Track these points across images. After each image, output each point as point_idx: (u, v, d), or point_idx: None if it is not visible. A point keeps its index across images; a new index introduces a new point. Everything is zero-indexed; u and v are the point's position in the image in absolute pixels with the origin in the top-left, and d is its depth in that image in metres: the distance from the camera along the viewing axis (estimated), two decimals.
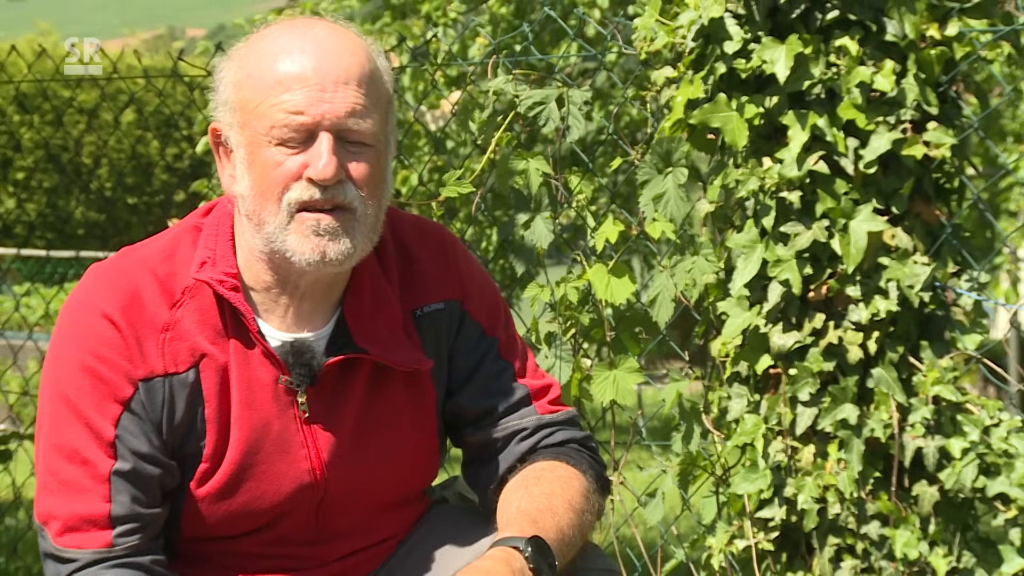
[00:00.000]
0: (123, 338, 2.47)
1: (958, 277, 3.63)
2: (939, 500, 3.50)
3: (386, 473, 2.65)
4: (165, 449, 2.49)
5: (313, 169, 2.42)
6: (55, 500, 2.44)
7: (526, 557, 2.38)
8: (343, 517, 2.63)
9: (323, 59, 2.43)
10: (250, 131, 2.45)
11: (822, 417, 3.57)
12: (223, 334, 2.53)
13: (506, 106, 4.23)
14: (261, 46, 2.48)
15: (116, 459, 2.44)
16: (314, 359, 2.55)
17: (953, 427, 3.51)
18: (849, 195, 3.55)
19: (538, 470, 2.62)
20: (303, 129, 2.42)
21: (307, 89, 2.41)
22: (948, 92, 3.62)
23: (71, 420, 2.46)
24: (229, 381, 2.52)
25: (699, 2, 3.65)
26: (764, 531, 3.68)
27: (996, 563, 3.49)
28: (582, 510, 2.56)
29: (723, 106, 3.61)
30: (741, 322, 3.66)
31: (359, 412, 2.61)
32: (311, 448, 2.57)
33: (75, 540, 2.42)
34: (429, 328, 2.68)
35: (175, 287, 2.53)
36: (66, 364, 2.49)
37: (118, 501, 2.43)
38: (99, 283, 2.54)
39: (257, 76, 2.45)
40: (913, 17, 3.51)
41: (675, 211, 3.84)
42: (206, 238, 2.58)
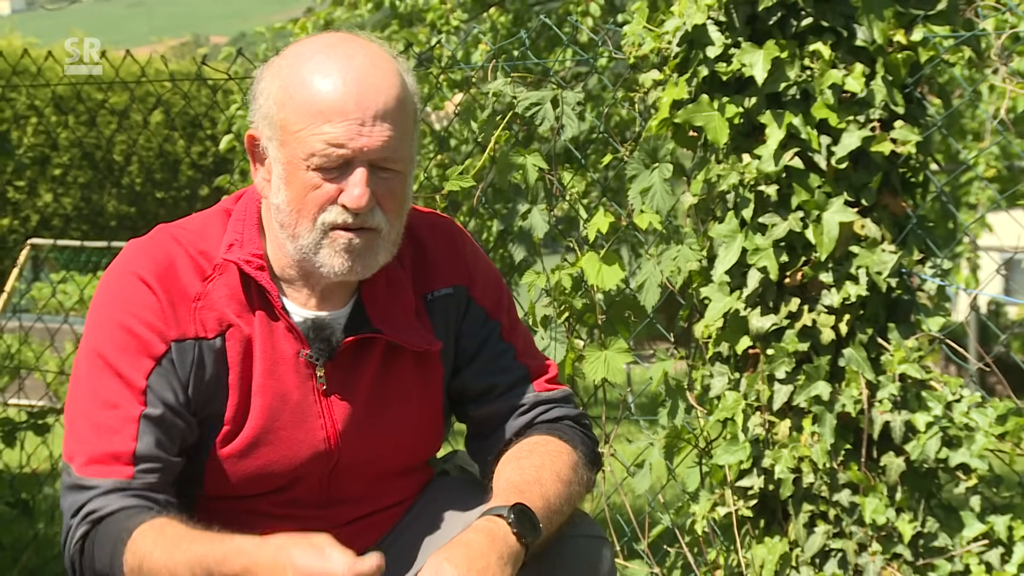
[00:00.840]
0: (158, 301, 2.48)
1: (923, 264, 3.64)
2: (905, 470, 3.50)
3: (394, 443, 2.66)
4: (189, 406, 2.50)
5: (348, 197, 2.43)
6: (83, 439, 2.45)
7: (509, 523, 2.39)
8: (353, 483, 2.63)
9: (363, 94, 2.42)
10: (289, 151, 2.45)
11: (797, 394, 3.57)
12: (249, 308, 2.54)
13: (505, 107, 4.23)
14: (305, 69, 2.46)
15: (146, 405, 2.45)
16: (333, 336, 2.57)
17: (918, 403, 3.51)
18: (822, 188, 3.55)
19: (531, 444, 2.62)
20: (341, 160, 2.42)
21: (348, 123, 2.41)
22: (913, 93, 3.63)
23: (106, 373, 2.47)
24: (253, 352, 2.53)
25: (683, 10, 3.66)
26: (743, 499, 3.67)
27: (958, 528, 3.49)
28: (569, 481, 2.56)
29: (705, 106, 3.61)
30: (722, 306, 3.66)
31: (372, 387, 2.62)
32: (327, 418, 2.58)
33: (98, 471, 2.42)
34: (439, 311, 2.69)
35: (206, 263, 2.54)
36: (104, 323, 2.50)
37: (143, 441, 2.43)
38: (138, 253, 2.55)
39: (300, 101, 2.44)
40: (881, 24, 3.51)
41: (661, 203, 3.85)
42: (235, 222, 2.59)
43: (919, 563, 3.50)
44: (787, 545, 3.61)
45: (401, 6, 9.26)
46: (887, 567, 3.49)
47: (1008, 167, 10.94)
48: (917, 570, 3.49)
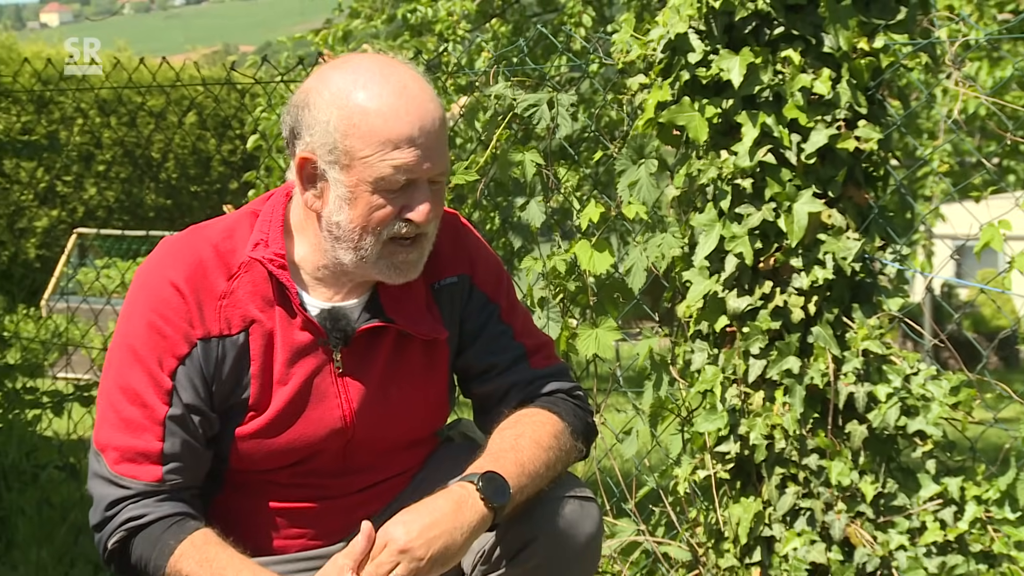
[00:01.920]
0: (186, 303, 2.48)
1: (883, 250, 3.63)
2: (867, 436, 3.50)
3: (403, 420, 2.66)
4: (212, 400, 2.50)
5: (418, 215, 2.44)
6: (114, 432, 2.46)
7: (478, 488, 2.40)
8: (366, 455, 2.63)
9: (423, 121, 2.42)
10: (355, 175, 2.43)
11: (770, 368, 3.57)
12: (271, 304, 2.53)
13: (505, 108, 4.22)
14: (362, 97, 2.43)
15: (170, 406, 2.46)
16: (348, 325, 2.56)
17: (879, 375, 3.51)
18: (792, 182, 3.54)
19: (517, 415, 2.62)
20: (406, 182, 2.43)
21: (415, 149, 2.41)
22: (875, 95, 3.62)
23: (135, 367, 2.47)
24: (274, 343, 2.53)
25: (667, 20, 3.65)
26: (721, 463, 3.67)
27: (915, 489, 3.49)
28: (550, 447, 2.55)
29: (687, 107, 3.61)
30: (702, 288, 3.66)
31: (384, 370, 2.61)
32: (343, 398, 2.57)
33: (130, 470, 2.43)
34: (445, 299, 2.69)
35: (233, 262, 2.53)
36: (136, 320, 2.50)
37: (169, 442, 2.45)
38: (169, 254, 2.55)
39: (365, 131, 2.41)
40: (846, 32, 3.50)
41: (647, 196, 3.85)
42: (261, 223, 2.58)
43: (880, 520, 3.50)
44: (761, 505, 3.60)
45: (412, 18, 9.24)
46: (851, 524, 3.49)
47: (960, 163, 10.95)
48: (878, 527, 3.49)
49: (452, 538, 2.36)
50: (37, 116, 17.96)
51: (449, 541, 2.36)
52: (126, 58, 15.66)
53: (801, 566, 3.50)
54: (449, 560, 2.37)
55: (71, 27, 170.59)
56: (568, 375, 2.77)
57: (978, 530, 3.43)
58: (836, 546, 3.50)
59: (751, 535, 3.60)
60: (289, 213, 2.61)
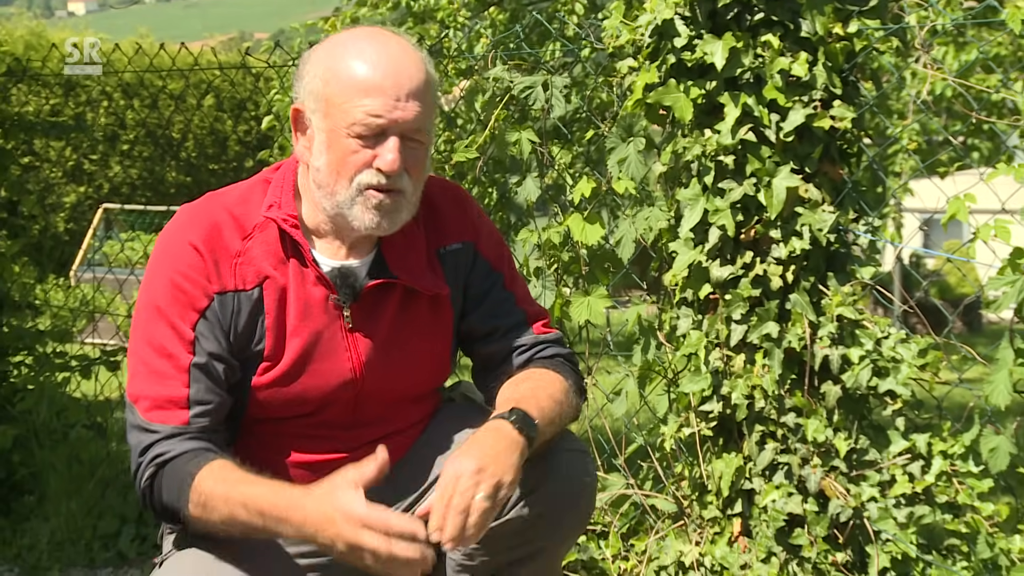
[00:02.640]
0: (203, 261, 2.49)
1: (856, 222, 3.63)
2: (841, 396, 3.50)
3: (409, 373, 2.66)
4: (231, 350, 2.51)
5: (382, 162, 2.45)
6: (144, 384, 2.46)
7: (511, 421, 2.41)
8: (374, 408, 2.64)
9: (398, 75, 2.45)
10: (332, 121, 2.47)
11: (750, 332, 3.57)
12: (284, 261, 2.54)
13: (503, 90, 4.21)
14: (348, 54, 2.49)
15: (194, 355, 2.46)
16: (357, 282, 2.57)
17: (852, 339, 3.51)
18: (772, 158, 3.54)
19: (527, 372, 2.64)
20: (378, 129, 2.44)
21: (385, 98, 2.43)
22: (849, 77, 3.61)
23: (160, 323, 2.48)
24: (287, 298, 2.54)
25: (654, 7, 3.64)
26: (705, 421, 3.67)
27: (885, 444, 3.49)
28: (560, 401, 2.58)
29: (673, 89, 3.60)
30: (687, 258, 3.65)
31: (391, 325, 2.62)
32: (352, 352, 2.58)
33: (160, 416, 2.43)
34: (450, 263, 2.69)
35: (247, 224, 2.55)
36: (158, 280, 2.51)
37: (194, 388, 2.45)
38: (187, 219, 2.56)
39: (343, 78, 2.46)
40: (822, 18, 3.49)
41: (635, 172, 3.84)
42: (273, 188, 2.60)
43: (853, 474, 3.50)
44: (741, 460, 3.61)
45: (415, 6, 9.23)
46: (826, 478, 3.49)
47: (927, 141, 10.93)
48: (851, 480, 3.49)
49: (510, 459, 2.37)
50: (65, 99, 17.94)
51: (509, 461, 2.36)
52: (148, 44, 15.61)
53: (779, 517, 3.50)
54: (516, 478, 2.37)
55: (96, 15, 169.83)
56: (564, 342, 2.78)
57: (944, 483, 3.44)
58: (812, 498, 3.51)
59: (733, 488, 3.61)
60: (298, 179, 2.62)
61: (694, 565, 3.56)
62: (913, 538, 3.41)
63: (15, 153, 5.70)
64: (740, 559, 3.56)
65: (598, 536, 3.79)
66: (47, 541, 4.66)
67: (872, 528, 3.43)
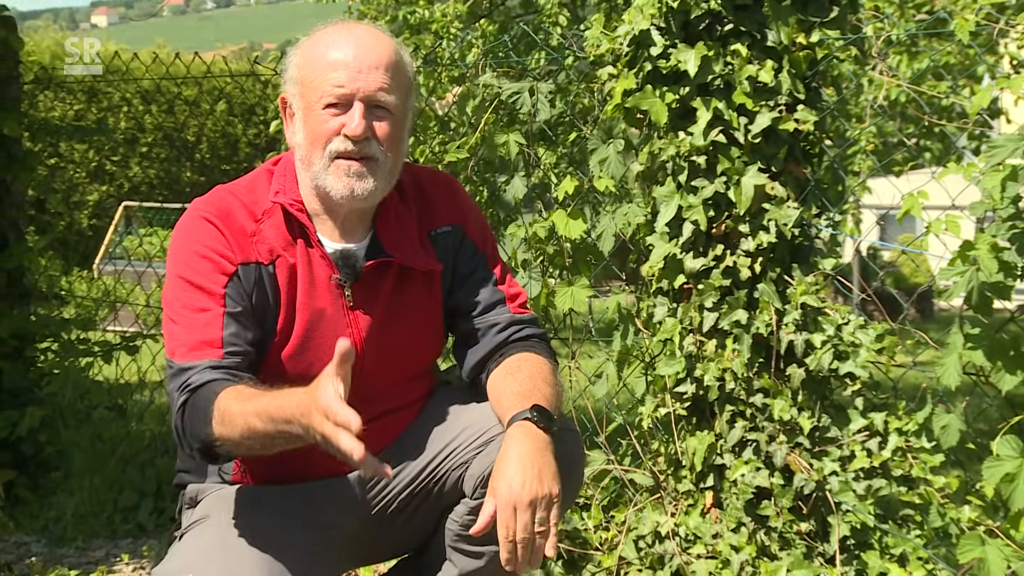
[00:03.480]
0: (223, 235, 2.48)
1: (819, 217, 3.63)
2: (805, 378, 3.50)
3: (406, 346, 2.65)
4: (254, 315, 2.49)
5: (348, 128, 2.45)
6: (182, 336, 2.43)
7: (534, 421, 2.41)
8: (375, 383, 2.61)
9: (360, 49, 2.47)
10: (306, 99, 2.49)
11: (721, 319, 3.56)
12: (291, 242, 2.53)
13: (492, 96, 4.20)
14: (318, 39, 2.53)
15: (225, 306, 2.44)
16: (357, 263, 2.56)
17: (815, 325, 3.50)
18: (740, 158, 3.53)
19: (517, 360, 2.61)
20: (343, 98, 2.45)
21: (348, 71, 2.45)
22: (812, 83, 3.61)
23: (190, 289, 2.45)
24: (296, 277, 2.53)
25: (632, 19, 3.63)
26: (679, 401, 3.67)
27: (845, 422, 3.49)
28: (553, 384, 2.57)
29: (649, 94, 3.59)
30: (663, 251, 3.64)
31: (388, 302, 2.60)
32: (354, 328, 2.56)
33: (195, 355, 2.40)
34: (441, 244, 2.68)
35: (257, 209, 2.54)
36: (183, 255, 2.49)
37: (228, 330, 2.42)
38: (202, 205, 2.55)
39: (313, 60, 2.49)
40: (786, 28, 3.49)
41: (615, 171, 3.84)
42: (277, 177, 2.60)
43: (815, 450, 3.50)
44: (713, 437, 3.60)
45: (411, 19, 9.23)
46: (791, 453, 3.49)
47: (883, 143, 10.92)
48: (814, 455, 3.49)
49: (550, 467, 2.36)
50: (88, 104, 17.89)
51: (550, 470, 2.36)
52: (164, 54, 15.57)
53: (748, 490, 3.50)
54: (558, 481, 2.36)
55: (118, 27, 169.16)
56: (538, 322, 2.77)
57: (899, 458, 3.44)
58: (778, 472, 3.50)
59: (705, 463, 3.60)
60: (296, 166, 2.61)
61: (669, 535, 3.55)
62: (871, 509, 3.41)
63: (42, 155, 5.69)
64: (712, 529, 3.56)
65: (581, 508, 3.78)
66: (71, 514, 4.65)
67: (833, 500, 3.42)
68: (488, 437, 2.57)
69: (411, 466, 2.65)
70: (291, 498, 2.58)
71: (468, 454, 2.61)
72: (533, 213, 4.22)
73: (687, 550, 3.54)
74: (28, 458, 4.95)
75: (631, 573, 3.55)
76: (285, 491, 2.59)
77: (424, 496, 2.66)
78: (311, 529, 2.56)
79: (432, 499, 2.66)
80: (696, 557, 3.51)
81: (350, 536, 2.64)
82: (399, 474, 2.65)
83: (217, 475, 2.64)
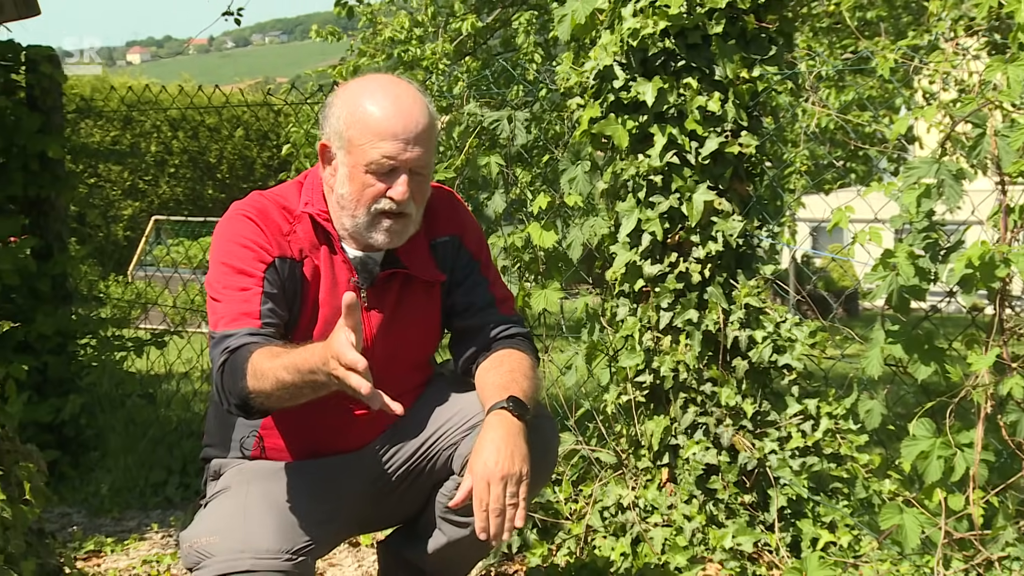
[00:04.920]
0: (262, 231, 2.47)
1: (760, 229, 3.63)
2: (748, 369, 3.50)
3: (408, 342, 2.64)
4: (286, 303, 2.47)
5: (394, 193, 2.43)
6: (222, 311, 2.41)
7: (509, 410, 2.40)
8: (382, 372, 2.59)
9: (407, 121, 2.42)
10: (353, 159, 2.44)
11: (676, 318, 3.56)
12: (317, 247, 2.52)
13: (476, 123, 4.18)
14: (366, 99, 2.45)
15: (263, 287, 2.42)
16: (374, 269, 2.55)
17: (757, 323, 3.50)
18: (692, 177, 3.53)
19: (501, 356, 2.61)
20: (390, 167, 2.43)
21: (396, 143, 2.41)
22: (754, 112, 3.61)
23: (231, 273, 2.43)
24: (320, 277, 2.51)
25: (597, 55, 3.62)
26: (639, 389, 3.66)
27: (783, 408, 3.49)
28: (532, 377, 2.56)
29: (612, 121, 3.58)
30: (624, 258, 3.64)
31: (395, 304, 2.60)
32: (366, 325, 2.55)
33: (236, 324, 2.38)
34: (440, 252, 2.67)
35: (289, 214, 2.53)
36: (226, 245, 2.47)
37: (266, 305, 2.41)
38: (243, 205, 2.53)
39: (362, 122, 2.43)
40: (732, 64, 3.49)
41: (583, 188, 3.83)
42: (306, 190, 2.57)
43: (757, 432, 3.50)
44: (668, 421, 3.60)
45: (405, 56, 9.20)
46: (736, 435, 3.48)
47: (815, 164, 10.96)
48: (756, 436, 3.49)
49: (521, 449, 2.37)
50: (123, 131, 17.81)
51: (521, 452, 2.36)
52: (190, 87, 15.52)
53: (698, 467, 3.50)
54: (528, 462, 2.36)
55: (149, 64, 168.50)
56: (524, 322, 2.76)
57: (829, 438, 3.44)
58: (724, 451, 3.50)
59: (661, 444, 3.60)
60: (325, 190, 2.59)
61: (630, 506, 3.54)
62: (805, 482, 3.41)
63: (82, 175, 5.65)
64: (667, 500, 3.55)
65: (553, 484, 3.77)
66: (108, 488, 4.63)
67: (772, 475, 3.42)
68: (475, 422, 2.56)
69: (408, 444, 2.65)
70: (303, 472, 2.58)
71: (457, 436, 2.61)
72: (512, 225, 4.20)
73: (646, 519, 3.53)
74: (70, 440, 4.93)
75: (597, 539, 3.54)
76: (298, 466, 2.59)
77: (419, 472, 2.66)
78: (320, 500, 2.55)
79: (425, 475, 2.66)
80: (654, 525, 3.50)
81: (354, 507, 2.63)
82: (399, 451, 2.65)
83: (238, 450, 2.63)
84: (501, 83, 8.89)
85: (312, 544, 2.43)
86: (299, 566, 2.36)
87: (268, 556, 2.33)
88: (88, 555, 3.98)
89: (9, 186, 4.81)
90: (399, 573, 2.88)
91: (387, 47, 9.86)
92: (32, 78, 5.03)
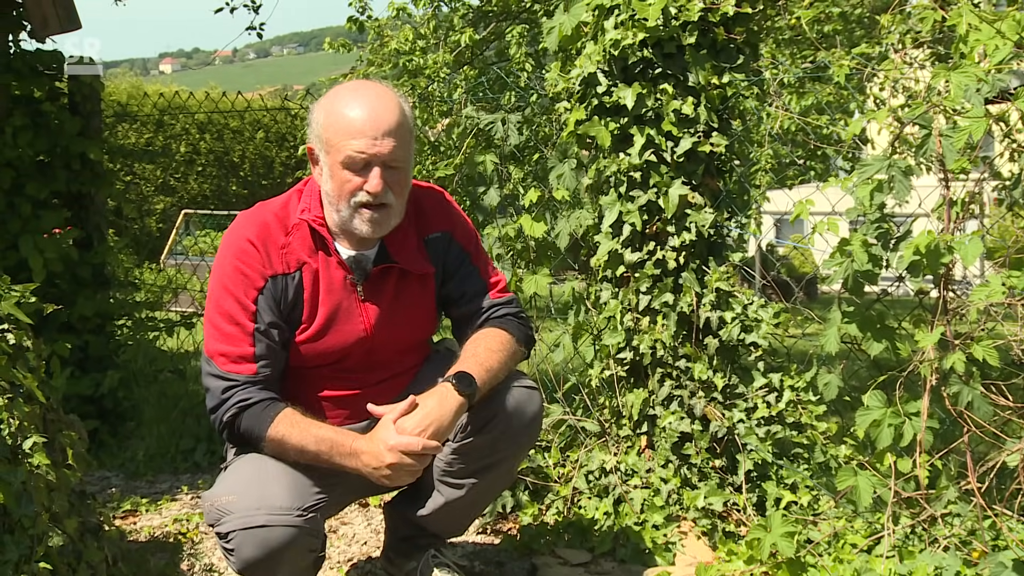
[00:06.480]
0: (259, 252, 2.47)
1: (729, 220, 3.62)
2: (719, 346, 3.49)
3: (405, 330, 2.64)
4: (281, 317, 2.48)
5: (369, 186, 2.42)
6: (219, 344, 2.44)
7: (452, 384, 2.43)
8: (381, 356, 2.60)
9: (376, 118, 2.41)
10: (332, 157, 2.44)
11: (653, 300, 3.55)
12: (314, 251, 2.52)
13: (473, 125, 4.17)
14: (336, 101, 2.45)
15: (255, 323, 2.44)
16: (368, 265, 2.55)
17: (726, 305, 3.50)
18: (668, 174, 3.52)
19: (479, 334, 2.61)
20: (362, 162, 2.41)
21: (366, 139, 2.40)
22: (723, 115, 3.59)
23: (228, 298, 2.45)
24: (318, 279, 2.51)
25: (582, 64, 3.61)
26: (621, 365, 3.65)
27: (749, 381, 3.49)
28: (500, 350, 2.56)
29: (596, 123, 3.57)
30: (607, 247, 3.63)
31: (392, 296, 2.59)
32: (365, 317, 2.55)
33: (234, 368, 2.42)
34: (433, 247, 2.65)
35: (288, 223, 2.52)
36: (225, 266, 2.48)
37: (258, 347, 2.43)
38: (244, 221, 2.53)
39: (335, 123, 2.43)
40: (703, 72, 3.47)
41: (569, 184, 3.81)
42: (304, 198, 2.56)
43: (727, 403, 3.49)
44: (647, 393, 3.59)
45: (409, 66, 9.18)
46: (707, 406, 3.48)
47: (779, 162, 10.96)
48: (725, 407, 3.48)
49: (441, 420, 2.38)
50: (155, 133, 17.75)
51: (439, 423, 2.38)
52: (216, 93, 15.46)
53: (674, 435, 3.49)
54: (443, 433, 2.39)
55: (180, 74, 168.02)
56: (516, 303, 2.75)
57: (791, 408, 3.44)
58: (697, 420, 3.50)
59: (641, 414, 3.60)
60: (321, 193, 2.58)
61: (613, 470, 3.54)
62: (769, 448, 3.41)
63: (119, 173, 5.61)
64: (646, 465, 3.55)
65: (543, 450, 3.77)
66: (143, 455, 4.63)
67: (740, 441, 3.42)
68: None
69: None
70: None
71: None
72: (505, 217, 4.19)
73: (626, 482, 3.53)
74: (109, 411, 4.92)
75: (582, 500, 3.54)
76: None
77: None
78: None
79: None
80: (634, 487, 3.50)
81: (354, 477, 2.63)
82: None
83: None
84: (496, 89, 8.88)
85: (322, 503, 2.44)
86: (309, 522, 2.38)
87: (281, 512, 2.35)
88: (125, 514, 3.98)
89: (53, 183, 4.79)
90: (404, 530, 2.88)
91: (393, 57, 9.84)
92: (73, 85, 5.00)
